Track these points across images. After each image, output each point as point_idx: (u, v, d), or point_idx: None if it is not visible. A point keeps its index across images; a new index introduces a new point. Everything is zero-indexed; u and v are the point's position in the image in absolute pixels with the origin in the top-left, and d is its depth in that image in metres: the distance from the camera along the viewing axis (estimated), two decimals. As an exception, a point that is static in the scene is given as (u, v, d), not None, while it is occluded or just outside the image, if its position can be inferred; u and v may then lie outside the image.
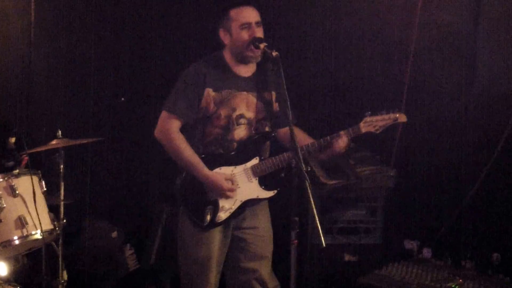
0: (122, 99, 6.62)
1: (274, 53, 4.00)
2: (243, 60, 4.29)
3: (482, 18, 5.79)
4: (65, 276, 5.23)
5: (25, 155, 4.99)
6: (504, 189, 5.59)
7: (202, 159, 4.19)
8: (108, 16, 6.53)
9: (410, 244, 5.71)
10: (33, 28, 6.20)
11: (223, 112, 4.23)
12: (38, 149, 5.18)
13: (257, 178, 4.28)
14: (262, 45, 4.12)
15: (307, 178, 3.59)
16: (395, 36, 6.11)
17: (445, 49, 5.94)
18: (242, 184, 4.25)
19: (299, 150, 3.76)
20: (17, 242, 4.60)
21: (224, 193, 4.19)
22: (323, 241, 3.58)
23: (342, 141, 4.18)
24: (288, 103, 3.88)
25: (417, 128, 5.88)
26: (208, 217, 4.18)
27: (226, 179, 4.19)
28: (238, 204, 4.26)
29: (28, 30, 6.20)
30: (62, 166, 5.23)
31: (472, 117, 5.89)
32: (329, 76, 6.38)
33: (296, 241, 3.69)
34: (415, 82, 6.02)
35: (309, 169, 3.80)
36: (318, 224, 3.56)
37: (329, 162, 5.61)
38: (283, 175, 4.29)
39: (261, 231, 4.44)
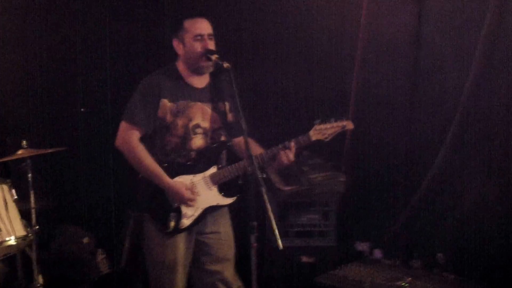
0: (82, 109, 6.63)
1: (226, 65, 4.04)
2: (195, 70, 4.32)
3: (425, 22, 5.89)
4: (41, 280, 5.21)
5: (-7, 165, 4.97)
6: (449, 192, 5.69)
7: (163, 168, 4.23)
8: (71, 25, 6.53)
9: (362, 246, 5.83)
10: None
11: (180, 122, 4.28)
12: (5, 159, 5.20)
13: (217, 186, 4.35)
14: (214, 57, 4.16)
15: (263, 184, 3.67)
16: (342, 44, 6.20)
17: (389, 56, 6.02)
18: (202, 192, 4.32)
19: (254, 158, 3.82)
20: (-9, 249, 4.57)
21: (185, 202, 4.26)
22: (279, 244, 3.64)
23: (289, 152, 4.22)
24: (241, 112, 3.90)
25: (365, 135, 5.99)
26: (172, 224, 4.24)
27: (187, 189, 4.25)
28: (199, 211, 4.33)
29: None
30: (30, 175, 5.23)
31: (418, 120, 6.00)
32: (279, 85, 6.46)
33: (255, 244, 3.73)
34: (362, 90, 6.11)
35: (264, 176, 3.83)
36: (275, 228, 3.63)
37: (284, 169, 5.60)
38: (240, 182, 4.36)
39: (222, 236, 4.52)
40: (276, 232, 3.66)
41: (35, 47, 6.44)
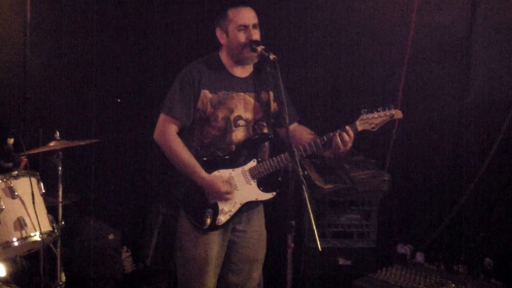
0: (118, 100, 6.60)
1: (272, 56, 3.94)
2: (239, 61, 4.26)
3: (478, 20, 5.79)
4: (63, 278, 5.20)
5: (23, 157, 4.92)
6: (498, 195, 5.59)
7: (201, 162, 4.16)
8: (106, 16, 6.49)
9: (403, 249, 5.74)
10: (29, 28, 6.17)
11: (220, 114, 4.22)
12: (37, 151, 5.16)
13: (256, 180, 4.27)
14: (259, 48, 4.07)
15: (304, 182, 3.57)
16: (392, 37, 6.11)
17: (440, 51, 5.94)
18: (240, 186, 4.24)
19: (295, 154, 3.73)
20: (16, 243, 4.52)
21: (222, 196, 4.17)
22: (319, 245, 3.58)
23: (346, 136, 4.08)
24: (285, 105, 3.82)
25: (412, 132, 5.93)
26: (208, 220, 4.17)
27: (224, 182, 4.17)
28: (238, 206, 4.26)
29: (24, 30, 6.17)
30: (60, 167, 5.20)
31: (467, 121, 5.88)
32: (326, 76, 6.36)
33: (292, 244, 3.69)
34: (410, 85, 6.02)
35: (305, 173, 3.77)
36: (315, 228, 3.54)
37: (325, 166, 5.63)
38: (280, 178, 4.27)
39: (254, 234, 4.46)
40: (316, 232, 3.57)
41: (69, 37, 6.42)
